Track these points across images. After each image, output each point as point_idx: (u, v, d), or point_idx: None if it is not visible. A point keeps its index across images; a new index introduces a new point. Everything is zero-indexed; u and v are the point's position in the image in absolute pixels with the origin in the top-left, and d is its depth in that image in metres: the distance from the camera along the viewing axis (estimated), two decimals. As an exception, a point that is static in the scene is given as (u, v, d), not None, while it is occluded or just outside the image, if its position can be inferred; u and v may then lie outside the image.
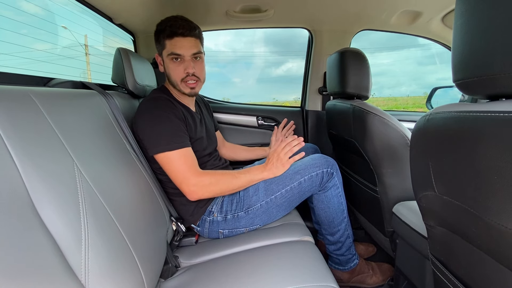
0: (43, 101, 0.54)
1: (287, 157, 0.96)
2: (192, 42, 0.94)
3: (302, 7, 1.38)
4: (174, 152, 0.86)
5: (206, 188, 0.88)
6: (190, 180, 0.86)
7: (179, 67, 0.94)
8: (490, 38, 0.35)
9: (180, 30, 0.91)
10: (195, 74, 0.96)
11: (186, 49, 0.93)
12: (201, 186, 0.87)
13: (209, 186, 0.89)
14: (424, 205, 0.57)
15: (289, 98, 6.37)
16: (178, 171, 0.87)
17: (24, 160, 0.44)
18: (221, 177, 0.91)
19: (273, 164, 0.96)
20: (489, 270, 0.43)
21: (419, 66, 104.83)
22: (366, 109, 0.96)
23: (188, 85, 0.97)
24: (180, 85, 0.96)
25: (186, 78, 0.95)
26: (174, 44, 0.92)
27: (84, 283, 0.47)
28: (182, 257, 0.89)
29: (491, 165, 0.37)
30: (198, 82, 0.99)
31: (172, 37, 0.91)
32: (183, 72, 0.94)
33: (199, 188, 0.87)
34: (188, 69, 0.94)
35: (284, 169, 0.96)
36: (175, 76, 0.95)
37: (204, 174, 0.89)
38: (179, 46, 0.92)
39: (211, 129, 1.17)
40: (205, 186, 0.88)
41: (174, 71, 0.95)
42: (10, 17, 2.05)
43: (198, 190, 0.88)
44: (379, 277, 1.12)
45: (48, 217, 0.45)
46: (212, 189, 0.90)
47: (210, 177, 0.89)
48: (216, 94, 2.18)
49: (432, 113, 0.49)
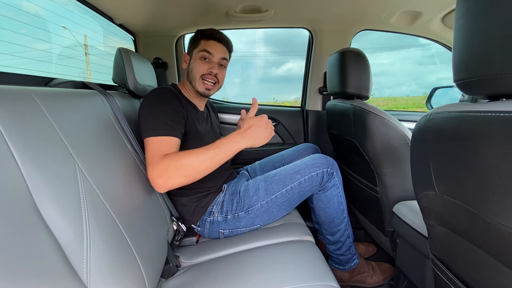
0: (45, 101, 0.54)
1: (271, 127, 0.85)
2: (224, 49, 1.04)
3: (303, 7, 1.39)
4: (153, 138, 0.80)
5: (169, 173, 0.74)
6: (152, 166, 0.75)
7: (205, 65, 1.01)
8: (490, 39, 0.36)
9: (218, 35, 1.02)
10: (217, 75, 1.02)
11: (217, 51, 1.01)
12: (161, 171, 0.74)
13: (170, 171, 0.74)
14: (425, 205, 0.57)
15: (289, 98, 6.34)
16: (148, 157, 0.78)
17: (26, 160, 0.44)
18: (183, 158, 0.76)
19: (254, 131, 0.81)
20: (490, 269, 0.43)
21: (419, 66, 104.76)
22: (366, 109, 0.96)
23: (205, 84, 1.01)
24: (198, 81, 1.00)
25: (206, 75, 1.00)
26: (208, 44, 1.00)
27: (86, 282, 0.47)
28: (183, 256, 0.89)
29: (491, 165, 0.37)
30: (216, 85, 1.04)
31: (209, 39, 1.01)
32: (206, 70, 1.00)
33: (159, 174, 0.74)
34: (213, 69, 1.00)
35: (265, 140, 0.83)
36: (196, 71, 1.00)
37: (164, 158, 0.76)
38: (213, 47, 1.00)
39: (217, 131, 1.19)
40: (166, 171, 0.74)
41: (199, 67, 1.00)
42: (11, 17, 2.05)
43: (159, 177, 0.74)
44: (379, 276, 1.12)
45: (50, 216, 0.45)
46: (175, 174, 0.74)
47: (169, 160, 0.75)
48: (216, 94, 2.19)
49: (432, 113, 0.49)
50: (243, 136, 0.80)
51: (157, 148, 0.79)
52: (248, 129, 0.81)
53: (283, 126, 1.73)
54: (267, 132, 0.83)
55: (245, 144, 0.81)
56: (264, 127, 0.82)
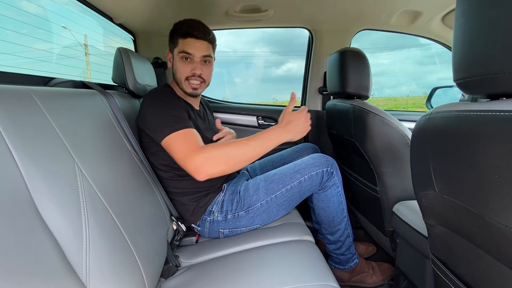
0: (44, 101, 0.54)
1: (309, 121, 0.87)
2: (204, 45, 0.96)
3: (302, 7, 1.38)
4: (176, 133, 0.81)
5: (212, 161, 0.76)
6: (193, 156, 0.76)
7: (187, 66, 0.96)
8: (490, 38, 0.35)
9: (195, 32, 0.94)
10: (202, 76, 0.98)
11: (197, 50, 0.95)
12: (205, 160, 0.76)
13: (215, 159, 0.77)
14: (425, 204, 0.57)
15: (289, 98, 6.41)
16: (180, 150, 0.79)
17: (25, 160, 0.44)
18: (227, 147, 0.79)
19: (295, 125, 0.84)
20: (490, 269, 0.43)
21: (419, 66, 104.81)
22: (366, 109, 0.96)
23: (191, 85, 0.98)
24: (184, 83, 0.98)
25: (191, 77, 0.97)
26: (186, 44, 0.94)
27: (85, 282, 0.47)
28: (183, 256, 0.89)
29: (491, 164, 0.37)
30: (202, 84, 1.01)
31: (186, 37, 0.94)
32: (189, 71, 0.96)
33: (204, 163, 0.76)
34: (195, 70, 0.96)
35: (304, 134, 0.86)
36: (180, 74, 0.97)
37: (207, 147, 0.79)
38: (191, 46, 0.94)
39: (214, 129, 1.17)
40: (210, 159, 0.76)
41: (181, 69, 0.97)
42: (11, 17, 2.06)
43: (203, 165, 0.76)
44: (379, 276, 1.12)
45: (49, 216, 0.45)
46: (219, 161, 0.77)
47: (212, 148, 0.78)
48: (216, 94, 2.19)
49: (432, 112, 0.49)
50: (285, 129, 0.83)
51: (188, 140, 0.80)
52: (289, 123, 0.84)
53: None
54: (305, 127, 0.85)
55: (286, 137, 0.83)
56: (303, 121, 0.85)
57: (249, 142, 0.80)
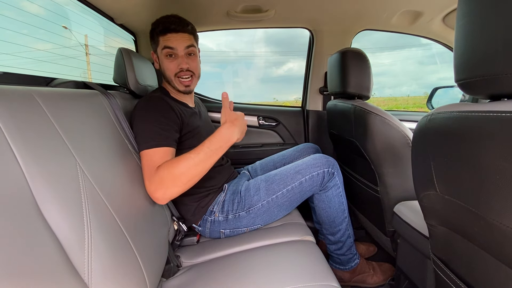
0: (46, 101, 0.54)
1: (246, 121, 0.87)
2: (185, 37, 0.95)
3: (303, 7, 1.39)
4: (147, 151, 0.79)
5: (165, 184, 0.74)
6: (149, 180, 0.75)
7: (173, 63, 0.95)
8: (492, 39, 0.36)
9: (173, 26, 0.93)
10: (189, 69, 0.97)
11: (178, 43, 0.94)
12: (157, 184, 0.74)
13: (166, 181, 0.74)
14: (426, 205, 0.57)
15: (289, 98, 6.35)
16: (144, 171, 0.78)
17: (27, 160, 0.45)
18: (177, 165, 0.75)
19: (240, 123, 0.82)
20: (491, 269, 0.43)
21: (420, 65, 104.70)
22: (367, 109, 0.96)
23: (182, 82, 0.97)
24: (174, 81, 0.97)
25: (180, 73, 0.96)
26: (167, 39, 0.94)
27: (87, 282, 0.47)
28: (184, 256, 0.89)
29: (493, 165, 0.37)
30: (193, 78, 1.00)
31: (165, 33, 0.93)
32: (176, 68, 0.95)
33: (156, 187, 0.74)
34: (181, 64, 0.95)
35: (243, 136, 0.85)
36: (169, 72, 0.96)
37: (158, 170, 0.75)
38: (172, 40, 0.93)
39: (211, 127, 1.17)
40: (161, 183, 0.74)
41: (168, 67, 0.96)
42: (12, 17, 2.06)
43: (156, 190, 0.74)
44: (380, 276, 1.12)
45: (51, 217, 0.45)
46: (172, 183, 0.74)
47: (163, 171, 0.74)
48: (216, 94, 2.20)
49: (433, 113, 0.49)
50: (233, 128, 0.80)
51: (152, 160, 0.78)
52: (236, 120, 0.81)
53: (283, 126, 1.73)
54: (245, 127, 0.85)
55: (236, 136, 0.81)
56: (243, 121, 0.84)
57: (197, 154, 0.76)
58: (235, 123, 0.81)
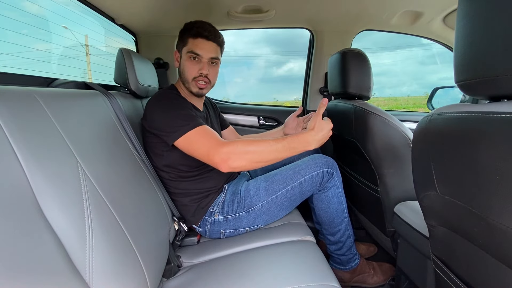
0: (47, 102, 0.55)
1: None
2: (213, 47, 0.97)
3: (303, 7, 1.39)
4: (194, 131, 0.82)
5: (237, 155, 0.77)
6: (221, 148, 0.77)
7: (195, 66, 0.97)
8: (492, 40, 0.36)
9: (206, 33, 0.95)
10: (208, 76, 0.98)
11: (205, 51, 0.96)
12: (235, 153, 0.77)
13: (240, 154, 0.77)
14: (426, 205, 0.57)
15: (289, 98, 6.31)
16: (204, 145, 0.80)
17: (29, 160, 0.45)
18: (254, 144, 0.79)
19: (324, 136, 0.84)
20: (491, 269, 0.43)
21: (420, 66, 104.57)
22: (367, 109, 0.96)
23: (198, 85, 0.99)
24: (191, 83, 0.98)
25: (198, 77, 0.97)
26: (196, 44, 0.95)
27: (89, 282, 0.47)
28: (184, 256, 0.89)
29: (493, 166, 0.37)
30: (208, 85, 1.01)
31: (196, 37, 0.95)
32: (197, 72, 0.97)
33: (233, 155, 0.77)
34: (202, 70, 0.97)
35: (320, 143, 0.85)
36: (188, 74, 0.98)
37: (231, 142, 0.79)
38: (200, 47, 0.95)
39: (218, 131, 1.18)
40: (235, 153, 0.77)
41: (189, 69, 0.97)
42: (12, 17, 2.07)
43: (232, 156, 0.77)
44: (380, 276, 1.12)
45: (52, 216, 0.46)
46: (243, 157, 0.78)
47: (238, 143, 0.78)
48: (217, 94, 2.19)
49: (434, 113, 0.49)
50: (315, 137, 0.82)
51: (209, 135, 0.81)
52: (321, 131, 0.83)
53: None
54: (327, 138, 0.85)
55: (314, 146, 0.83)
56: (329, 133, 0.85)
57: (276, 143, 0.80)
58: (319, 134, 0.83)
